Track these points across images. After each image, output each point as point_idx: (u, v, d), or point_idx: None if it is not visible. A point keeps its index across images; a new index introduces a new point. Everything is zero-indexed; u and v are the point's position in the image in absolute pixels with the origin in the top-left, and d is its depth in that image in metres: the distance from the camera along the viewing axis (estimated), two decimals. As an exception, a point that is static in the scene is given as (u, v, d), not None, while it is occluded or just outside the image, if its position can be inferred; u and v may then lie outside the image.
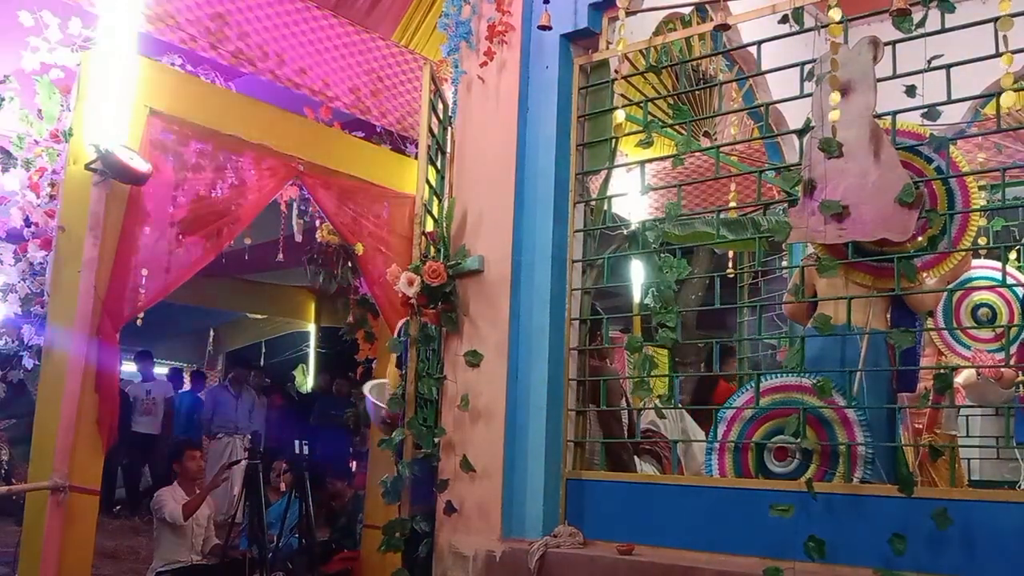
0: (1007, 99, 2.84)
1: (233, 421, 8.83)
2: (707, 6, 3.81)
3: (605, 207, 3.90)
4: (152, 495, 6.20)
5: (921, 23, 3.02)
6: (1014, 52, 2.85)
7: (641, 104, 3.72)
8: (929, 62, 3.05)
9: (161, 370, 10.30)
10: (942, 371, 3.33)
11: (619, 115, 3.61)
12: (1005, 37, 2.82)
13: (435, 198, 4.03)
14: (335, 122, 5.25)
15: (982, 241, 3.99)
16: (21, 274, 4.27)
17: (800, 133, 3.42)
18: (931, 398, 3.56)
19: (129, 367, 9.26)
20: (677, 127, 4.43)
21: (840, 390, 3.22)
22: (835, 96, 3.03)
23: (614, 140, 3.81)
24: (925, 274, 3.56)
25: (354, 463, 8.52)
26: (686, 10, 4.10)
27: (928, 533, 2.74)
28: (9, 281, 4.27)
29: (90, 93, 4.00)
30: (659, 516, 3.34)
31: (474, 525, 3.65)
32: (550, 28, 3.60)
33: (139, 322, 4.22)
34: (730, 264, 5.89)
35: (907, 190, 2.99)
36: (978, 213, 3.48)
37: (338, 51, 5.07)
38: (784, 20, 3.34)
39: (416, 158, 4.22)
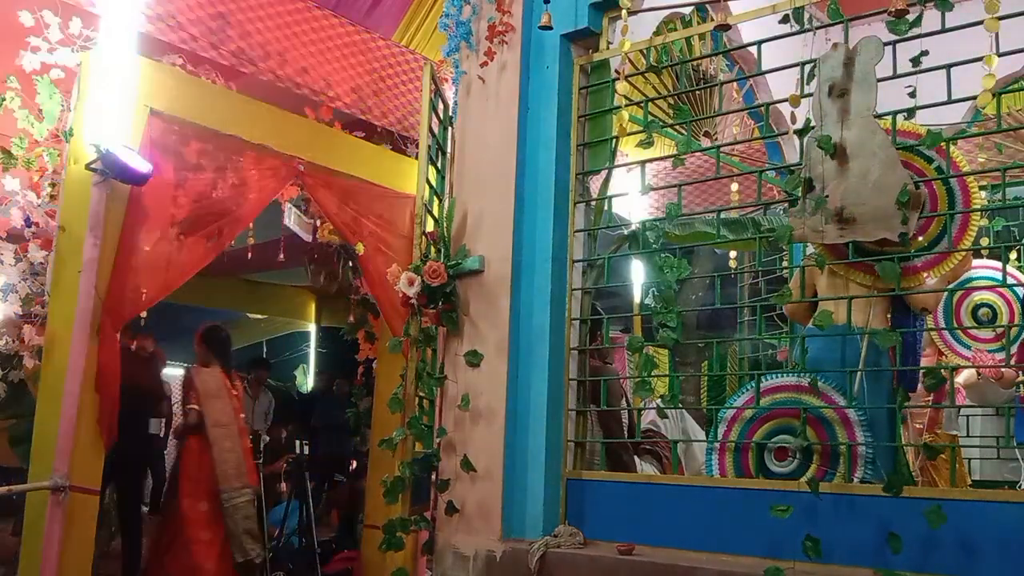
0: (984, 99, 2.84)
1: (249, 423, 8.77)
2: (707, 6, 3.81)
3: (605, 207, 3.90)
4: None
5: (917, 22, 3.02)
6: (1013, 52, 2.85)
7: (641, 104, 3.72)
8: (915, 61, 3.05)
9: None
10: (935, 369, 3.33)
11: (623, 116, 3.61)
12: (996, 36, 2.82)
13: (435, 198, 4.03)
14: (335, 122, 5.25)
15: (983, 241, 3.99)
16: (21, 274, 4.26)
17: (800, 133, 3.42)
18: (932, 397, 3.56)
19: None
20: (677, 127, 4.43)
21: (840, 390, 3.22)
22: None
23: (614, 140, 3.81)
24: (926, 274, 3.56)
25: (354, 463, 8.52)
26: (686, 10, 4.10)
27: (928, 533, 2.74)
28: (9, 281, 4.26)
29: (90, 93, 4.00)
30: (659, 516, 3.34)
31: (474, 525, 3.65)
32: (551, 28, 3.60)
33: (143, 322, 4.20)
34: (732, 263, 5.90)
35: (904, 191, 2.99)
36: (978, 213, 3.48)
37: (339, 51, 5.06)
38: (784, 20, 3.35)
39: (416, 158, 4.22)
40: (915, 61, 3.05)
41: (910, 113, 3.10)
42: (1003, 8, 2.85)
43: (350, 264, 5.78)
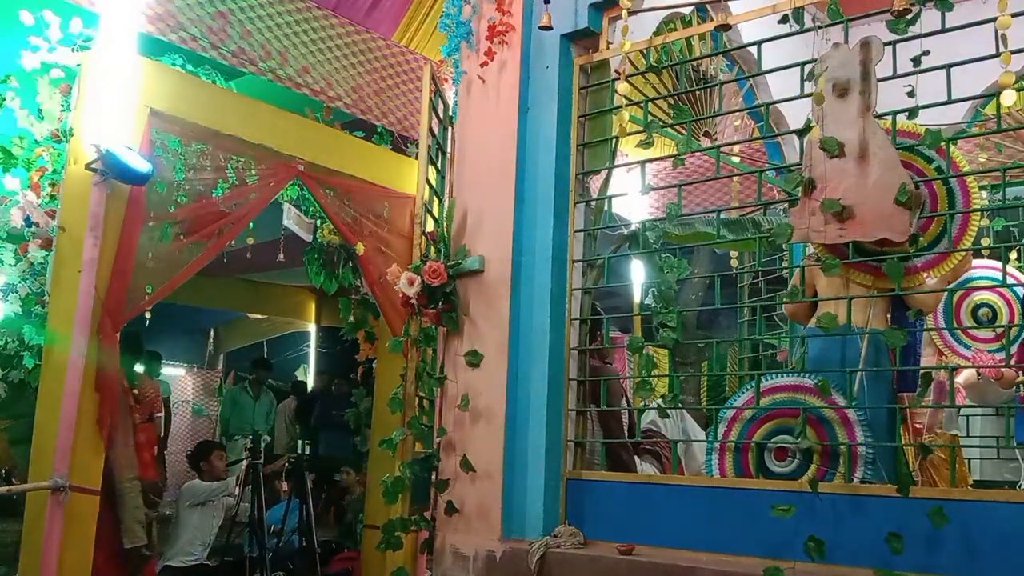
0: (1007, 98, 2.83)
1: (250, 423, 8.79)
2: (707, 6, 3.81)
3: (605, 207, 3.90)
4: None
5: (914, 20, 3.02)
6: (1014, 52, 2.85)
7: (641, 104, 3.72)
8: (915, 61, 3.05)
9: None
10: (930, 370, 3.33)
11: (624, 116, 3.61)
12: (1004, 36, 2.82)
13: (435, 198, 4.03)
14: (335, 122, 5.26)
15: (983, 241, 3.98)
16: (21, 274, 4.27)
17: (800, 133, 3.42)
18: (930, 397, 3.55)
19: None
20: (677, 127, 4.43)
21: (840, 390, 3.22)
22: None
23: (614, 140, 3.81)
24: (926, 274, 3.56)
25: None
26: (686, 10, 4.10)
27: (928, 533, 2.74)
28: (9, 281, 4.26)
29: (90, 93, 4.00)
30: (659, 516, 3.34)
31: (474, 525, 3.65)
32: (551, 28, 3.60)
33: (148, 323, 4.21)
34: (733, 262, 5.90)
35: (902, 191, 2.99)
36: (979, 213, 3.48)
37: (339, 51, 5.07)
38: (784, 20, 3.35)
39: (416, 158, 4.22)
40: (916, 61, 3.05)
41: (912, 113, 3.10)
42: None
43: (350, 264, 5.78)
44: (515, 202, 3.80)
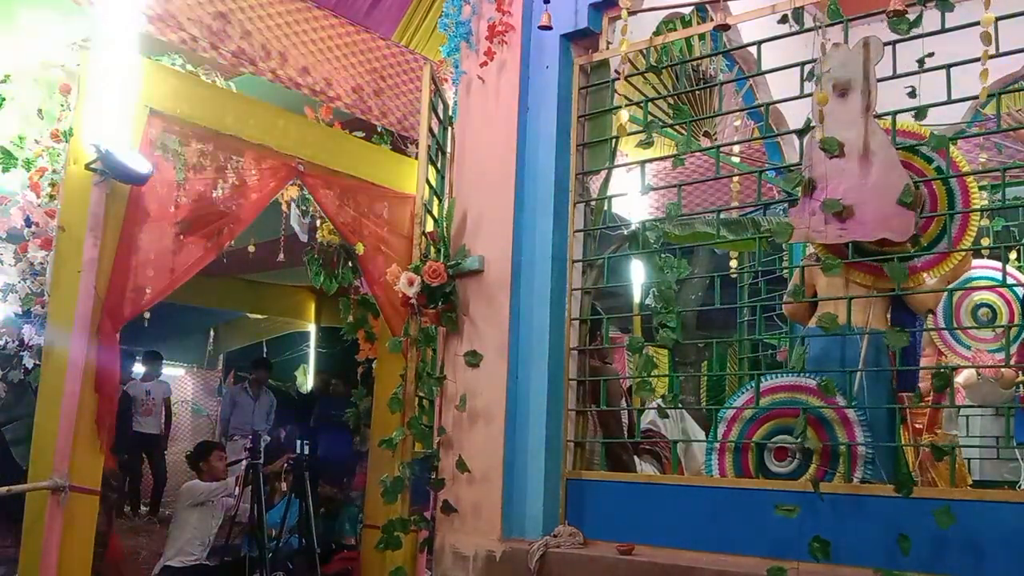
0: (984, 93, 2.82)
1: (250, 424, 8.78)
2: (707, 6, 3.81)
3: (605, 207, 3.90)
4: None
5: (916, 22, 3.02)
6: (1013, 52, 2.85)
7: (641, 104, 3.72)
8: (920, 62, 3.05)
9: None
10: (942, 371, 3.33)
11: (623, 115, 3.61)
12: (986, 35, 2.81)
13: (435, 198, 4.03)
14: (335, 122, 5.26)
15: (983, 241, 3.98)
16: (21, 274, 4.27)
17: (800, 133, 3.42)
18: (932, 398, 3.55)
19: (137, 367, 9.26)
20: (677, 127, 4.43)
21: (840, 390, 3.22)
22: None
23: (614, 140, 3.81)
24: (926, 274, 3.56)
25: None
26: (686, 10, 4.10)
27: (928, 533, 2.74)
28: (9, 281, 4.26)
29: (90, 93, 4.00)
30: (659, 516, 3.34)
31: (474, 525, 3.65)
32: (550, 28, 3.60)
33: (146, 323, 4.22)
34: (733, 263, 5.90)
35: (907, 191, 2.99)
36: (978, 213, 3.48)
37: (339, 51, 5.07)
38: (784, 20, 3.35)
39: (416, 158, 4.22)
40: (920, 62, 3.05)
41: (919, 113, 3.10)
42: (1003, 8, 2.86)
43: (350, 264, 5.78)
44: (515, 202, 3.80)
